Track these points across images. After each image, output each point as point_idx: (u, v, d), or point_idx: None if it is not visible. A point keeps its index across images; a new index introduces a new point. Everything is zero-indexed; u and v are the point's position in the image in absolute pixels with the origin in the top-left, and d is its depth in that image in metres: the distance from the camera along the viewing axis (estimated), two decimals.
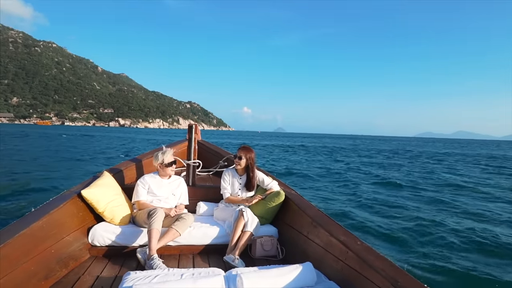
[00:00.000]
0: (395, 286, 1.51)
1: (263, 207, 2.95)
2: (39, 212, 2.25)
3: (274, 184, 3.12)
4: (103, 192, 2.70)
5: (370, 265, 1.73)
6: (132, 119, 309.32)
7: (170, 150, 2.99)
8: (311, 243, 2.39)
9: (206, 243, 2.75)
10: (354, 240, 2.01)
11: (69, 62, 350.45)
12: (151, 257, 2.32)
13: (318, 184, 11.02)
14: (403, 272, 1.61)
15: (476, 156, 29.48)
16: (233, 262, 2.43)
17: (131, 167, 3.64)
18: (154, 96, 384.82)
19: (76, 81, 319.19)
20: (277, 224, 2.97)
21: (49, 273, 2.06)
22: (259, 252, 2.68)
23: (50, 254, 2.12)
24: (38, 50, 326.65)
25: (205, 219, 3.05)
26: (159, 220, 2.50)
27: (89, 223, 2.69)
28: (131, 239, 2.64)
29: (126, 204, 2.87)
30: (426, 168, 17.06)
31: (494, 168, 18.51)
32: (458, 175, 14.52)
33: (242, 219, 2.68)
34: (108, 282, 2.11)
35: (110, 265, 2.41)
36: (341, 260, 1.99)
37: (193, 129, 3.54)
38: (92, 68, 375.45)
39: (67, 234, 2.36)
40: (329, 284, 1.96)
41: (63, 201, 2.46)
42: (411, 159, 23.63)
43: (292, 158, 19.98)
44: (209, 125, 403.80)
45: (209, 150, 4.70)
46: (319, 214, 2.53)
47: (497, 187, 11.35)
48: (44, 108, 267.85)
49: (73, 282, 2.09)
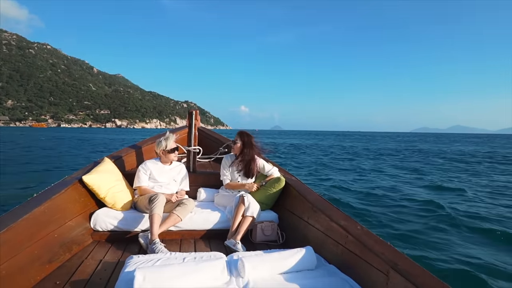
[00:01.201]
0: (395, 269, 1.51)
1: (263, 193, 2.98)
2: (41, 197, 2.26)
3: (275, 170, 3.14)
4: (104, 177, 2.72)
5: (370, 249, 1.74)
6: (129, 119, 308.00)
7: (172, 135, 3.00)
8: (311, 228, 2.41)
9: (207, 228, 2.77)
10: (354, 225, 2.03)
11: (64, 63, 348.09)
12: (153, 241, 2.34)
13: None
14: (402, 255, 1.62)
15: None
16: (234, 246, 2.45)
17: (131, 153, 3.65)
18: (150, 96, 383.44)
19: (72, 82, 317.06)
20: (278, 210, 3.00)
21: (53, 257, 2.07)
22: (259, 237, 2.71)
23: (53, 238, 2.14)
24: (32, 52, 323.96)
25: (206, 205, 3.08)
26: (160, 206, 2.53)
27: (91, 208, 2.70)
28: (132, 224, 2.66)
29: (127, 190, 2.88)
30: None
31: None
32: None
33: (243, 204, 2.70)
34: (111, 266, 2.13)
35: (113, 249, 2.43)
36: (341, 244, 2.01)
37: (193, 115, 3.54)
38: (87, 69, 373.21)
39: (70, 219, 2.38)
40: (329, 267, 1.98)
41: (64, 186, 2.48)
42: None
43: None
44: (206, 124, 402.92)
45: (209, 137, 4.70)
46: (319, 200, 2.55)
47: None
48: (39, 110, 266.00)
49: (77, 265, 2.11)
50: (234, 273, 1.84)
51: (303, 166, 14.51)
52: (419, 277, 1.43)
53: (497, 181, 10.63)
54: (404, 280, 1.44)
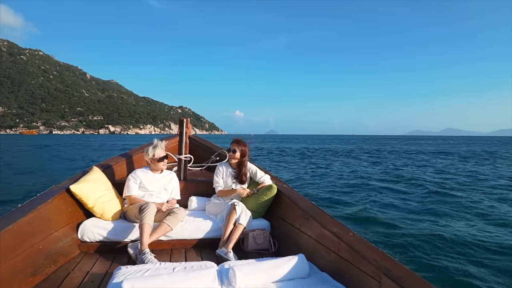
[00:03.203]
0: (388, 276, 1.51)
1: (255, 201, 2.95)
2: (26, 207, 2.19)
3: (267, 178, 3.13)
4: (92, 187, 2.66)
5: (362, 256, 1.73)
6: (123, 125, 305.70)
7: (160, 143, 2.97)
8: (304, 236, 2.39)
9: (198, 237, 2.73)
10: (347, 232, 2.02)
11: (56, 69, 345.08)
12: (142, 251, 2.30)
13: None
14: (395, 261, 1.62)
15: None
16: (225, 255, 2.42)
17: (121, 162, 3.59)
18: (144, 102, 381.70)
19: (64, 88, 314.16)
20: (269, 218, 2.98)
21: (37, 269, 2.01)
22: (251, 246, 2.68)
23: (38, 250, 2.08)
24: (24, 58, 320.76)
25: (197, 214, 3.04)
26: (151, 215, 2.48)
27: (79, 218, 2.64)
28: (122, 234, 2.60)
29: (117, 200, 2.83)
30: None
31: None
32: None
33: (234, 212, 2.67)
34: (98, 277, 2.07)
35: (101, 260, 2.37)
36: (333, 251, 2.00)
37: (184, 123, 3.52)
38: (80, 75, 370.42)
39: (56, 230, 2.32)
40: (321, 275, 1.96)
41: (51, 196, 2.42)
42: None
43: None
44: (201, 130, 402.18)
45: (200, 145, 4.68)
46: (311, 207, 2.54)
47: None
48: (31, 117, 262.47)
49: (63, 278, 2.05)
50: (225, 282, 1.80)
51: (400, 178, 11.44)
52: (411, 282, 1.42)
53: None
54: (397, 286, 1.44)
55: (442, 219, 5.99)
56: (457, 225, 5.60)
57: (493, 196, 8.44)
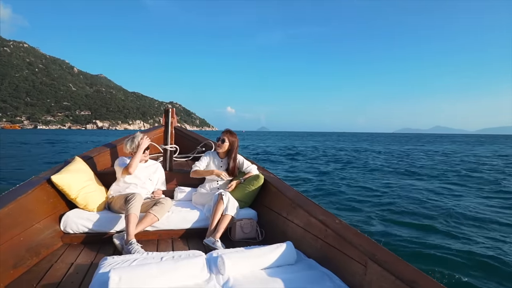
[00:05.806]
0: (373, 260, 1.55)
1: (242, 190, 2.96)
2: (5, 198, 2.13)
3: (253, 168, 3.14)
4: (75, 177, 2.60)
5: (348, 241, 1.77)
6: (111, 121, 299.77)
7: (140, 135, 2.94)
8: (290, 224, 2.42)
9: (185, 227, 2.72)
10: (333, 219, 2.05)
11: (42, 62, 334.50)
12: (129, 242, 2.28)
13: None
14: (379, 246, 1.66)
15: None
16: (213, 244, 2.43)
17: (104, 153, 3.53)
18: (134, 97, 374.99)
19: (50, 82, 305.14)
20: (256, 207, 3.00)
21: (19, 262, 1.96)
22: (238, 235, 2.70)
23: (19, 242, 2.03)
24: (7, 50, 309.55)
25: (184, 204, 3.02)
26: (137, 205, 2.46)
27: (61, 210, 2.59)
28: (106, 225, 2.57)
29: (100, 190, 2.78)
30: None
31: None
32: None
33: (221, 202, 2.68)
34: (83, 268, 2.04)
35: (85, 252, 2.34)
36: (320, 238, 2.03)
37: (169, 113, 3.48)
38: (67, 69, 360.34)
39: (37, 222, 2.26)
40: (309, 261, 2.00)
41: (31, 187, 2.35)
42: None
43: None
44: (192, 126, 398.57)
45: (186, 136, 4.64)
46: (298, 196, 2.56)
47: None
48: (14, 112, 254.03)
49: (46, 270, 2.01)
50: (214, 270, 1.82)
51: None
52: (395, 265, 1.48)
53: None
54: (382, 269, 1.49)
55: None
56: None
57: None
